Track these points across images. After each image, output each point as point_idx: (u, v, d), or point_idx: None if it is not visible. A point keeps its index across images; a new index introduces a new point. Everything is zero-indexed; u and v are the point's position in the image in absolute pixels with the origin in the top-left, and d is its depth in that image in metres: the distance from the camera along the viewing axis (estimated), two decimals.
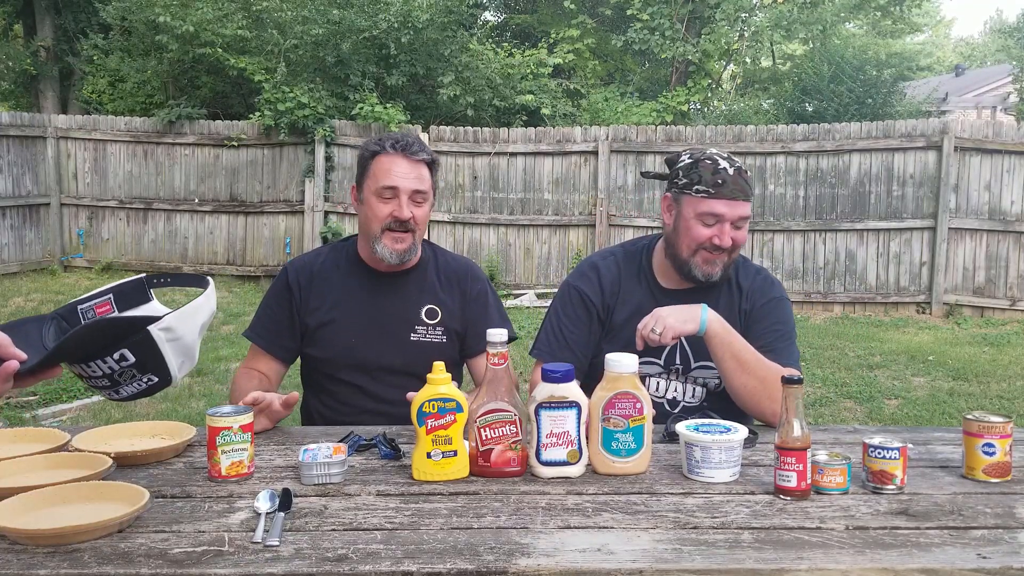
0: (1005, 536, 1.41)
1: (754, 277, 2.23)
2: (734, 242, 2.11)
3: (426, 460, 1.65)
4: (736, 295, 2.21)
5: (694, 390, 2.17)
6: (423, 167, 2.22)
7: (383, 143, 2.22)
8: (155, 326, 1.38)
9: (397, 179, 2.17)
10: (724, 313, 2.12)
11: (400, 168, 2.18)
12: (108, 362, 1.36)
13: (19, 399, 5.41)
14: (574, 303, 2.22)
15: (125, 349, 1.37)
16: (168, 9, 10.60)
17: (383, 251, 2.20)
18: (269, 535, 1.38)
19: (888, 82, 12.45)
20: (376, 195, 2.19)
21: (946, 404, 5.65)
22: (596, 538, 1.38)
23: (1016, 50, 21.04)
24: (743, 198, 2.10)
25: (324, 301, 2.28)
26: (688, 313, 1.99)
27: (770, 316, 2.17)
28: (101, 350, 1.36)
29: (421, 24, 10.63)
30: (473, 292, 2.34)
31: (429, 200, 2.24)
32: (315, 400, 2.34)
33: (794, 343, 2.18)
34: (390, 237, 2.19)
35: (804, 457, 1.56)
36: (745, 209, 2.11)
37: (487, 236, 9.78)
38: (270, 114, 9.87)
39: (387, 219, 2.18)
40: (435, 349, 2.23)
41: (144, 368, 1.38)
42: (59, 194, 10.56)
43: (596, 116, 11.68)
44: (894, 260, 9.02)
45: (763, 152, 9.20)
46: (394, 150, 2.20)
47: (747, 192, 2.11)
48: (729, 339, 2.01)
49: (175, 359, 1.39)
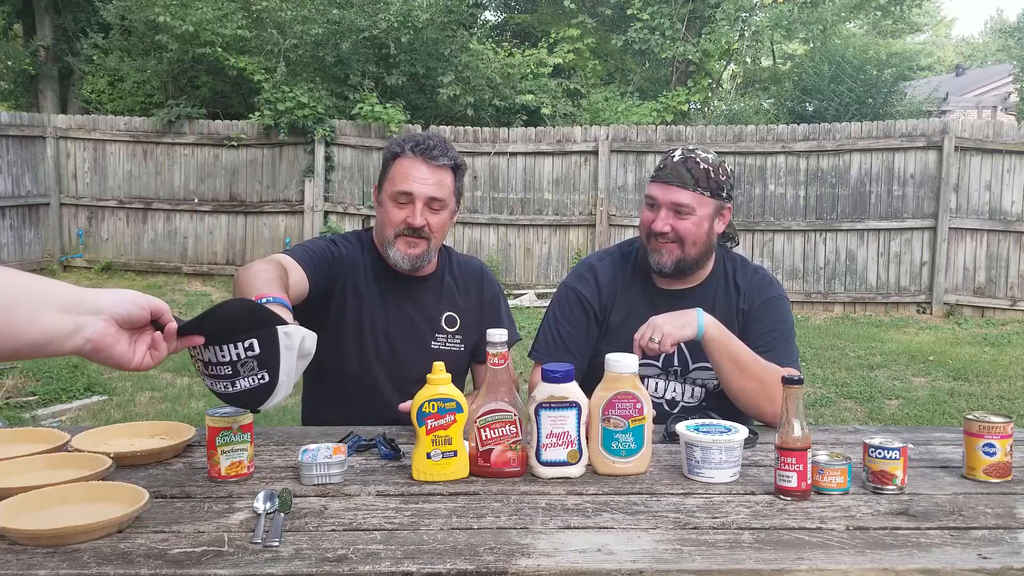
0: (1005, 536, 1.41)
1: (752, 276, 2.22)
2: (674, 230, 2.07)
3: (426, 460, 1.65)
4: (733, 294, 2.19)
5: (693, 391, 2.16)
6: (445, 172, 2.14)
7: (404, 145, 2.14)
8: (282, 328, 1.39)
9: (414, 184, 2.09)
10: (721, 313, 2.11)
11: (418, 173, 2.10)
12: (239, 348, 1.37)
13: (19, 399, 5.41)
14: (571, 305, 2.21)
15: (255, 339, 1.38)
16: (168, 9, 10.60)
17: (395, 255, 2.14)
18: (269, 535, 1.38)
19: (888, 82, 12.45)
20: (392, 199, 2.12)
21: (946, 404, 5.65)
22: (596, 538, 1.38)
23: (1017, 50, 21.03)
24: (678, 184, 2.06)
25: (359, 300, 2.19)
26: (684, 318, 1.97)
27: (768, 316, 2.16)
28: (237, 333, 1.36)
29: (421, 24, 10.63)
30: (488, 296, 2.31)
31: (449, 207, 2.16)
32: (317, 403, 2.29)
33: (793, 342, 2.17)
34: (403, 242, 2.12)
35: (804, 457, 1.55)
36: (680, 196, 2.06)
37: (487, 236, 9.78)
38: (270, 114, 9.87)
39: (400, 225, 2.11)
40: (453, 358, 2.17)
41: (263, 364, 1.38)
42: (58, 194, 10.56)
43: (596, 116, 11.67)
44: (894, 260, 9.02)
45: (763, 152, 9.20)
46: (414, 153, 2.11)
47: (685, 179, 2.06)
48: (726, 342, 2.00)
49: (285, 366, 1.40)
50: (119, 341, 1.15)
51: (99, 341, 1.11)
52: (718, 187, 2.09)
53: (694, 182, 2.07)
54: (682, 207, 2.07)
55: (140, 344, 1.20)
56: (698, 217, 2.08)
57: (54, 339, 1.06)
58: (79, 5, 13.20)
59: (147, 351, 1.21)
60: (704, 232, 2.09)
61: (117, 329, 1.15)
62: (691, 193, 2.07)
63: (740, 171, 9.25)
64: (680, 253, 2.09)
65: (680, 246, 2.09)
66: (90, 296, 1.12)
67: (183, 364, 6.57)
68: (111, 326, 1.13)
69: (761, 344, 2.09)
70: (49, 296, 1.06)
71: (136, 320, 1.18)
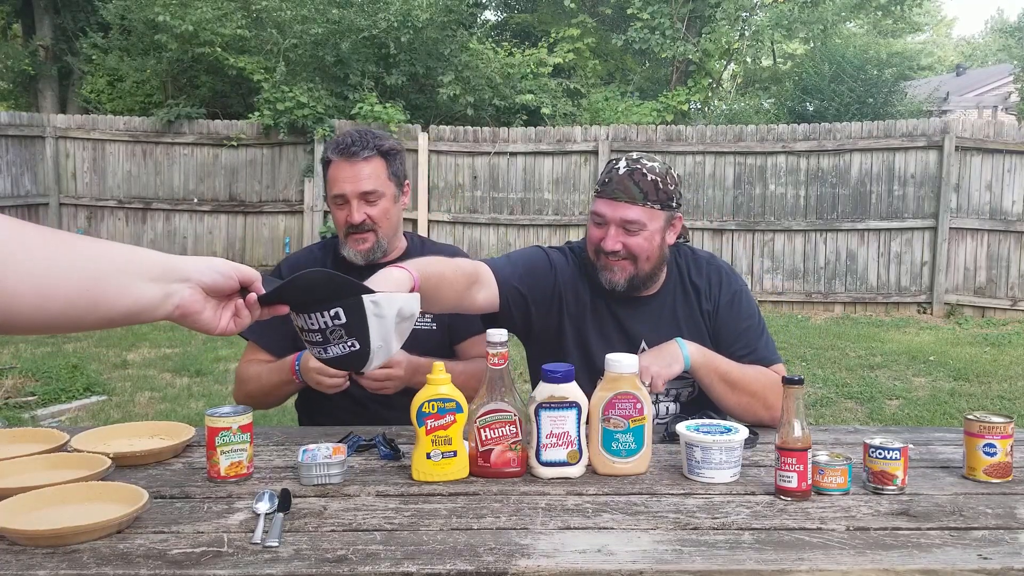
0: (1006, 537, 1.40)
1: (707, 272, 2.14)
2: (626, 248, 1.97)
3: (426, 460, 1.65)
4: (693, 297, 2.12)
5: (668, 407, 2.10)
6: (372, 163, 2.20)
7: (329, 149, 2.24)
8: (368, 296, 1.40)
9: (345, 185, 2.19)
10: (684, 319, 2.08)
11: (345, 173, 2.19)
12: (324, 316, 1.40)
13: (18, 399, 5.41)
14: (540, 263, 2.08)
15: (339, 308, 1.40)
16: (167, 8, 10.59)
17: (349, 254, 2.25)
18: (268, 536, 1.37)
19: (889, 82, 12.44)
20: (332, 203, 2.26)
21: (947, 404, 5.65)
22: (596, 539, 1.38)
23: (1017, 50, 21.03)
24: (626, 199, 1.96)
25: None
26: (669, 355, 1.93)
27: (738, 315, 2.11)
28: (320, 302, 1.38)
29: (421, 23, 10.62)
30: None
31: (387, 194, 2.22)
32: (308, 396, 2.32)
33: (767, 334, 2.12)
34: (352, 240, 2.23)
35: (805, 458, 1.55)
36: (629, 212, 1.96)
37: (487, 236, 9.78)
38: (269, 114, 9.86)
39: (344, 225, 2.23)
40: (426, 337, 2.23)
41: (351, 332, 1.40)
42: (58, 194, 10.55)
43: (596, 116, 11.67)
44: (895, 260, 9.01)
45: (764, 152, 9.19)
46: (337, 156, 2.21)
47: (632, 194, 1.96)
48: (714, 364, 1.97)
49: (376, 334, 1.41)
50: (205, 308, 1.20)
51: (187, 307, 1.17)
52: (667, 197, 2.00)
53: (643, 196, 1.97)
54: (632, 223, 1.97)
55: (226, 311, 1.26)
56: (649, 232, 1.98)
57: (146, 308, 1.11)
58: (79, 5, 13.20)
59: (232, 317, 1.27)
60: (656, 246, 2.01)
61: (204, 296, 1.20)
62: (640, 208, 1.97)
63: (740, 171, 9.26)
64: (633, 270, 2.01)
65: (633, 263, 2.00)
66: (179, 264, 1.17)
67: (183, 364, 6.57)
68: (198, 293, 1.18)
69: (740, 347, 2.06)
70: (138, 266, 1.12)
71: (223, 288, 1.23)
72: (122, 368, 6.47)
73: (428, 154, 9.77)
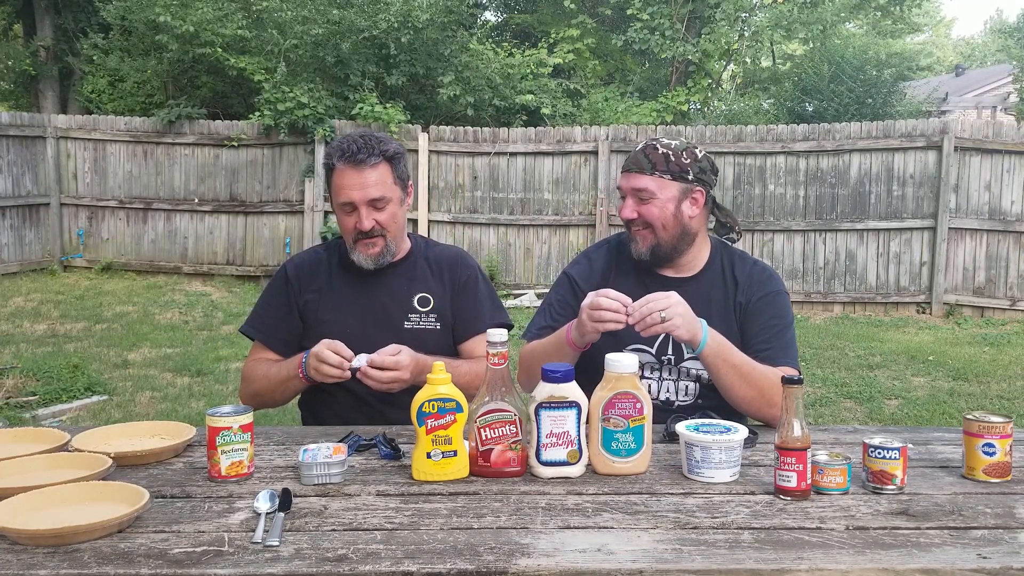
0: (1005, 536, 1.41)
1: (751, 270, 2.20)
2: (641, 216, 2.11)
3: (426, 460, 1.65)
4: (731, 288, 2.18)
5: (687, 387, 2.13)
6: (379, 169, 2.19)
7: (333, 155, 2.21)
8: None
9: (352, 193, 2.17)
10: (718, 306, 2.12)
11: (352, 181, 2.17)
12: None
13: (19, 399, 5.41)
14: (564, 290, 2.26)
15: None
16: (168, 9, 10.60)
17: (359, 258, 2.24)
18: (269, 535, 1.38)
19: (888, 82, 12.44)
20: (340, 210, 2.23)
21: (946, 404, 5.65)
22: (596, 538, 1.38)
23: (1016, 50, 21.04)
24: (635, 170, 2.12)
25: (319, 296, 2.30)
26: (696, 325, 1.94)
27: (766, 311, 2.14)
28: None
29: (421, 24, 10.62)
30: (461, 279, 2.35)
31: (394, 199, 2.23)
32: (312, 394, 2.32)
33: (792, 339, 2.15)
34: (361, 245, 2.23)
35: (804, 457, 1.55)
36: (639, 181, 2.10)
37: (487, 236, 9.78)
38: (270, 114, 9.86)
39: (353, 232, 2.21)
40: (430, 336, 2.25)
41: None
42: (59, 194, 10.56)
43: (596, 116, 11.67)
44: (894, 260, 9.02)
45: (763, 152, 9.20)
46: (342, 163, 2.18)
47: (642, 165, 2.11)
48: (727, 354, 1.99)
49: None
50: None
51: None
52: (680, 170, 2.10)
53: (651, 166, 2.10)
54: (642, 192, 2.10)
55: None
56: (661, 200, 2.10)
57: None
58: (79, 5, 13.20)
59: None
60: (670, 215, 2.10)
61: None
62: (649, 177, 2.10)
63: (740, 171, 9.26)
64: (653, 238, 2.12)
65: (652, 231, 2.11)
66: None
67: (184, 364, 6.57)
68: None
69: (759, 342, 2.09)
70: None
71: None
72: (123, 368, 6.48)
73: (428, 154, 9.78)
